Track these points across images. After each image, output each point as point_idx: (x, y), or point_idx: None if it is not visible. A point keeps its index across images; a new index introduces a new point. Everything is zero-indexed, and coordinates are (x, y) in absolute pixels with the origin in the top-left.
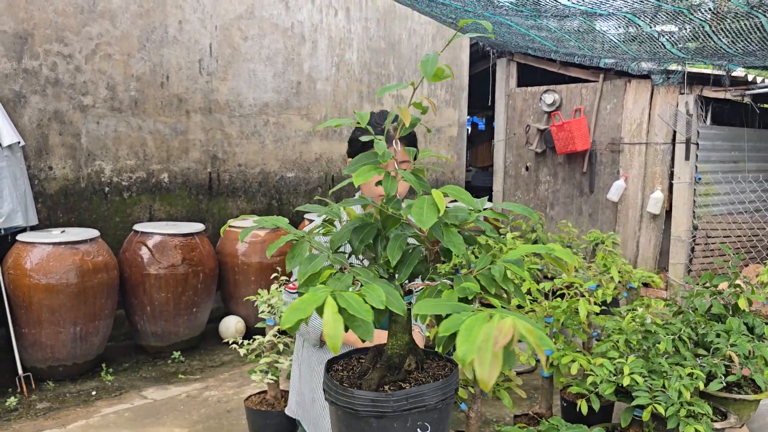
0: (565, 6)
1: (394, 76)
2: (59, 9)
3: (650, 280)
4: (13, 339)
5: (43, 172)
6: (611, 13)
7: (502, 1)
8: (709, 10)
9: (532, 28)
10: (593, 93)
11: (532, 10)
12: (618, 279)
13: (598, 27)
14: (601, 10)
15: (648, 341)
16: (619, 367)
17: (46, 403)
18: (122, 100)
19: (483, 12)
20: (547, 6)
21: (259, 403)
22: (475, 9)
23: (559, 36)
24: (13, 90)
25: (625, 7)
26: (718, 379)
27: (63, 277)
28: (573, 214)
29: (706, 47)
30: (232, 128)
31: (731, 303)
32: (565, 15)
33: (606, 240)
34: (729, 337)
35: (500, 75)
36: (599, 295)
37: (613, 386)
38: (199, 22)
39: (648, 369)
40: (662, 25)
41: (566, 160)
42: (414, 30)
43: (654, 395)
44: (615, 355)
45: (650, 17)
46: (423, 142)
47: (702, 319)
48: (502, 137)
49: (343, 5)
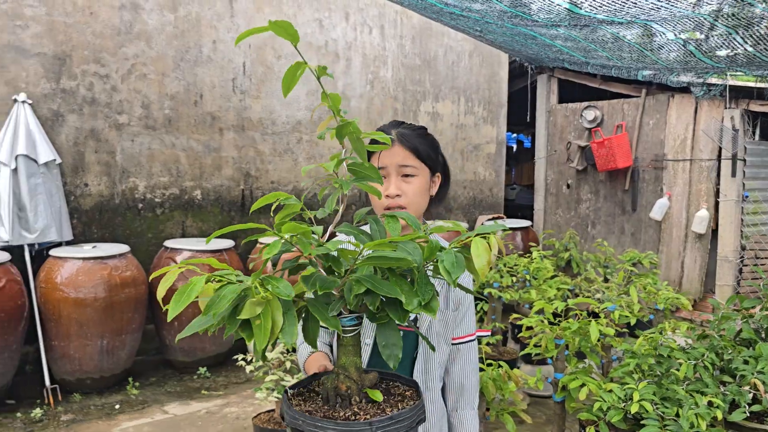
0: (580, 15)
1: (429, 93)
2: (97, 31)
3: (678, 303)
4: (42, 351)
5: (79, 188)
6: (630, 21)
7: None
8: (731, 16)
9: (556, 38)
10: (635, 108)
11: (548, 20)
12: (636, 299)
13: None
14: (619, 18)
15: (662, 366)
16: (630, 392)
17: (71, 415)
18: (156, 118)
19: (504, 23)
20: (561, 15)
21: (267, 421)
22: (495, 21)
23: (585, 45)
24: (51, 109)
25: (642, 15)
26: (741, 408)
27: (91, 291)
28: (615, 233)
29: (738, 55)
30: (264, 146)
31: (763, 327)
32: (584, 24)
33: (643, 260)
34: (757, 363)
35: (540, 91)
36: (616, 317)
37: (621, 413)
38: (232, 41)
39: (662, 396)
40: (686, 32)
41: (608, 177)
42: (450, 47)
43: (665, 424)
44: (630, 380)
45: (673, 24)
46: (460, 159)
47: (729, 344)
48: (542, 154)
49: (377, 23)
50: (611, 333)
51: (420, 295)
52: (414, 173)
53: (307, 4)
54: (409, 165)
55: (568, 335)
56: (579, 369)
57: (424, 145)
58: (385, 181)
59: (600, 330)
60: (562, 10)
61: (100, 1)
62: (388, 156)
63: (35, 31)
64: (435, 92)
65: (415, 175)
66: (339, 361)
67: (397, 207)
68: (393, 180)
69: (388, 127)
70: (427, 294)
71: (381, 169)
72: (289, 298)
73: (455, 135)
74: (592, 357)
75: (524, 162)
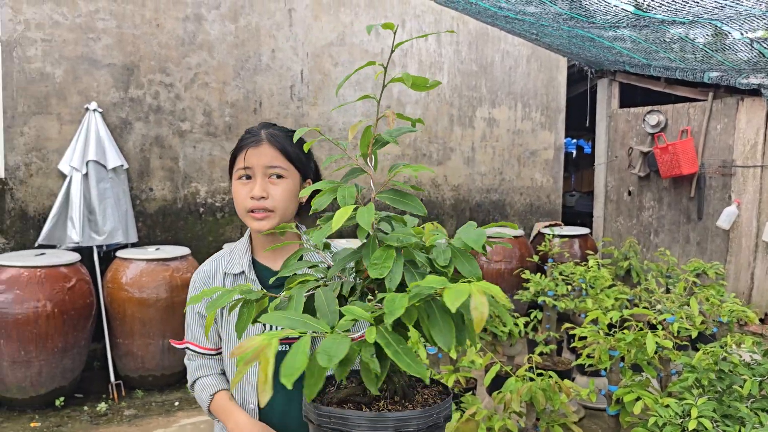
0: (640, 15)
1: (485, 99)
2: (163, 42)
3: (744, 316)
4: (108, 348)
5: (144, 192)
6: (693, 21)
7: (573, 14)
8: None
9: (615, 39)
10: (701, 112)
11: (607, 22)
12: (697, 311)
13: (684, 35)
14: (680, 18)
15: (724, 382)
16: (688, 408)
17: (133, 411)
18: (217, 125)
19: (560, 26)
20: (620, 16)
21: None
22: (551, 23)
23: (646, 47)
24: (120, 117)
25: (705, 14)
26: None
27: (154, 291)
28: (679, 242)
29: None
30: (321, 152)
31: None
32: (644, 25)
33: (709, 270)
34: None
35: (601, 96)
36: (675, 329)
37: (678, 429)
38: (291, 50)
39: (723, 413)
40: (754, 32)
41: (672, 184)
42: (507, 52)
43: None
44: (689, 395)
45: (739, 23)
46: (517, 165)
47: None
48: (602, 160)
49: (434, 30)
50: (669, 345)
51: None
52: (282, 174)
53: (364, 12)
54: (276, 166)
55: (623, 346)
56: (634, 382)
57: (294, 147)
58: (250, 182)
59: (657, 342)
60: (620, 11)
61: (166, 13)
62: (255, 156)
63: (106, 43)
64: (491, 98)
65: (283, 176)
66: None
67: (262, 209)
68: (259, 181)
69: (258, 127)
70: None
71: (246, 169)
72: None
73: (512, 141)
74: (648, 370)
75: (584, 168)
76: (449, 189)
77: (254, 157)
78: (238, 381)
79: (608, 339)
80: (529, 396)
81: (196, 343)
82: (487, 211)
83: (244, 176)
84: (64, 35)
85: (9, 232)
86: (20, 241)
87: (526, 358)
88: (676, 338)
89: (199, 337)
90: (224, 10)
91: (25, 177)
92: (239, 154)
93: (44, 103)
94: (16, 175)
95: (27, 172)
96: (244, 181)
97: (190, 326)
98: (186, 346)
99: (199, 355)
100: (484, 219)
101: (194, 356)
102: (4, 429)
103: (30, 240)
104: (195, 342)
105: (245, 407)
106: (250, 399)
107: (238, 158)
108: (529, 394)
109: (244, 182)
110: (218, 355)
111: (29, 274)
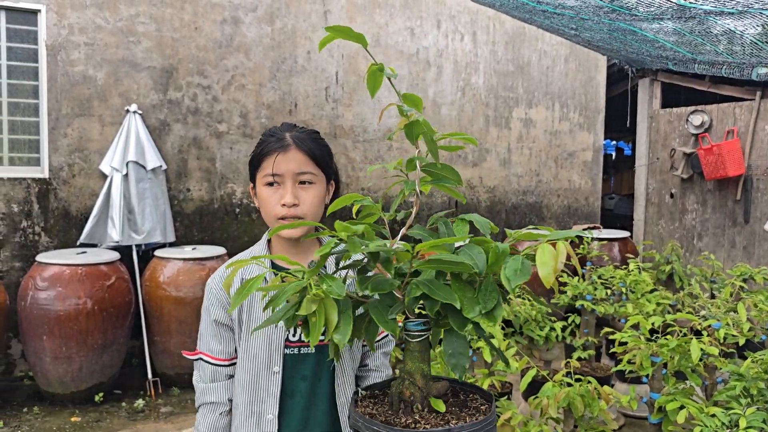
0: (685, 6)
1: (522, 99)
2: (201, 44)
3: None
4: (146, 346)
5: (182, 193)
6: (742, 12)
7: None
8: None
9: (659, 32)
10: (748, 112)
11: (650, 13)
12: (745, 317)
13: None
14: (729, 8)
15: None
16: (735, 418)
17: (169, 408)
18: (253, 126)
19: (601, 19)
20: (664, 8)
21: None
22: (591, 17)
23: (691, 39)
24: (159, 119)
25: (756, 3)
26: None
27: (190, 290)
28: (724, 246)
29: None
30: (356, 153)
31: None
32: (689, 16)
33: (756, 275)
34: None
35: (642, 95)
36: (721, 335)
37: None
38: (326, 51)
39: None
40: None
41: (716, 186)
42: (545, 51)
43: None
44: (736, 405)
45: None
46: (554, 167)
47: None
48: (643, 162)
49: (469, 30)
50: (715, 352)
51: (482, 302)
52: (312, 180)
53: (399, 13)
54: (306, 172)
55: (666, 353)
56: (678, 390)
57: (320, 149)
58: (280, 189)
59: (702, 348)
60: (664, 2)
61: (204, 17)
62: (284, 161)
63: (146, 46)
64: (528, 98)
65: (312, 182)
66: (405, 367)
67: (294, 217)
68: (289, 188)
69: (281, 130)
70: (490, 302)
71: (275, 176)
72: (339, 297)
73: (549, 142)
74: (692, 378)
75: (624, 170)
76: (484, 191)
77: (283, 164)
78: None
79: (650, 345)
80: (566, 402)
81: (210, 354)
82: (523, 213)
83: (273, 182)
84: (105, 39)
85: (52, 230)
86: (63, 239)
87: (564, 363)
88: (722, 345)
89: (213, 348)
90: (261, 13)
91: (68, 177)
92: (265, 159)
93: (86, 105)
94: (60, 175)
95: (70, 173)
96: (274, 187)
97: (204, 335)
98: (199, 357)
99: (211, 365)
100: (520, 221)
101: (206, 366)
102: (46, 422)
103: (72, 239)
104: (209, 353)
105: (263, 418)
106: (269, 409)
107: (265, 163)
108: (566, 399)
109: (274, 189)
110: (231, 366)
111: (71, 272)
